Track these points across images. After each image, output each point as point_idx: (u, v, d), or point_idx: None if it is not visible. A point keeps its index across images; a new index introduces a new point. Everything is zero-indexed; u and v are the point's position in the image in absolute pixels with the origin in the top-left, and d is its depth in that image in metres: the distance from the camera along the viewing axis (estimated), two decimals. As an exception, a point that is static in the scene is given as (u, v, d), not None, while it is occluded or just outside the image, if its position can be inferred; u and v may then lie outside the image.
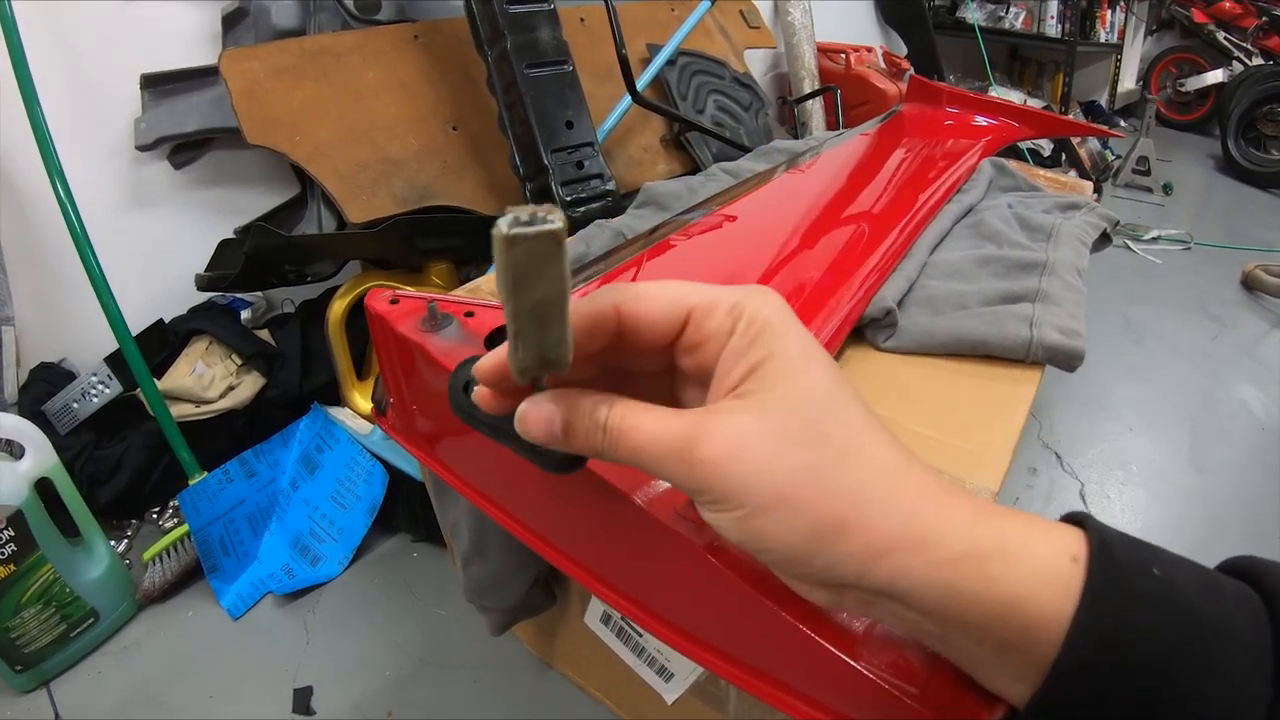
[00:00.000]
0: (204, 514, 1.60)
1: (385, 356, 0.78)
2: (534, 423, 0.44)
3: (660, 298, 0.44)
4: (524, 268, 0.37)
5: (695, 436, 0.40)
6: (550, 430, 0.44)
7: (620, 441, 0.43)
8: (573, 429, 0.44)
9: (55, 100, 1.61)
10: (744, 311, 0.42)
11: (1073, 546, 0.39)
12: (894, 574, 0.39)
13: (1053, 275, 1.28)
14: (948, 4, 4.94)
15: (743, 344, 0.42)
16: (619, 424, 0.43)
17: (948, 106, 2.21)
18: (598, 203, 1.80)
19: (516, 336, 0.39)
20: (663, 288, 0.45)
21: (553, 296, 0.37)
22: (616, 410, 0.43)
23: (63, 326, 1.82)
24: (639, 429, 0.42)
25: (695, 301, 0.44)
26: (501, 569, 1.06)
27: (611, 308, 0.44)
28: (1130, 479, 2.03)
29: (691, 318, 0.44)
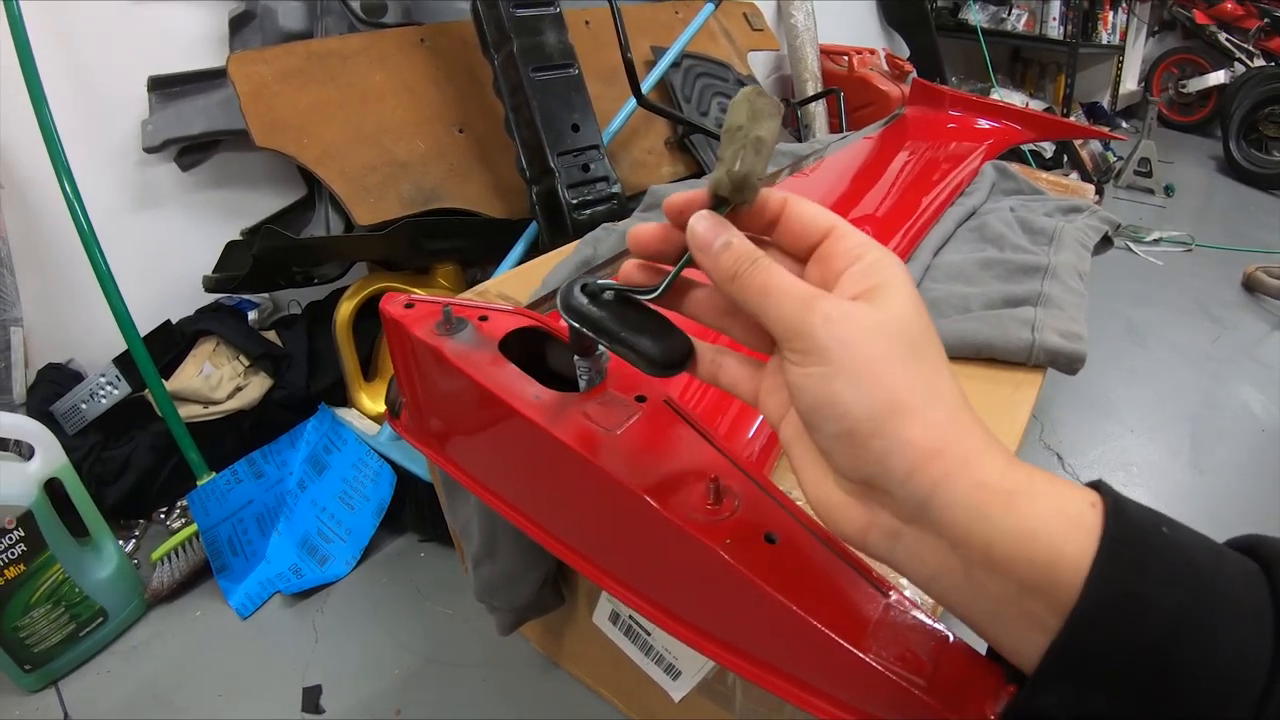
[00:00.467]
0: (212, 514, 1.61)
1: (400, 359, 0.79)
2: (705, 229, 0.49)
3: (815, 207, 0.50)
4: (758, 110, 0.47)
5: (821, 295, 0.46)
6: (712, 241, 0.49)
7: (756, 276, 0.48)
8: (730, 250, 0.49)
9: (63, 102, 1.62)
10: (870, 249, 0.48)
11: (1090, 496, 0.41)
12: (939, 481, 0.42)
13: (1054, 279, 1.28)
14: (950, 6, 4.94)
15: (868, 270, 0.47)
16: (766, 264, 0.48)
17: (950, 109, 2.21)
18: (603, 205, 1.81)
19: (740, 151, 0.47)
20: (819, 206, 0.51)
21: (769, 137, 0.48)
22: (765, 259, 0.48)
23: (71, 327, 1.83)
24: (779, 272, 0.48)
25: (839, 225, 0.50)
26: (511, 568, 1.07)
27: (782, 197, 0.51)
28: (1131, 480, 2.04)
29: (832, 234, 0.49)
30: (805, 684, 0.55)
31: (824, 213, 0.50)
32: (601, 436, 0.62)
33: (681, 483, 0.59)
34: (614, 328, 0.53)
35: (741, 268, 0.48)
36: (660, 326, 0.54)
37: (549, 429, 0.63)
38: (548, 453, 0.65)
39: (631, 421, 0.64)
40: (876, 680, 0.49)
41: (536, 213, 1.84)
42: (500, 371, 0.69)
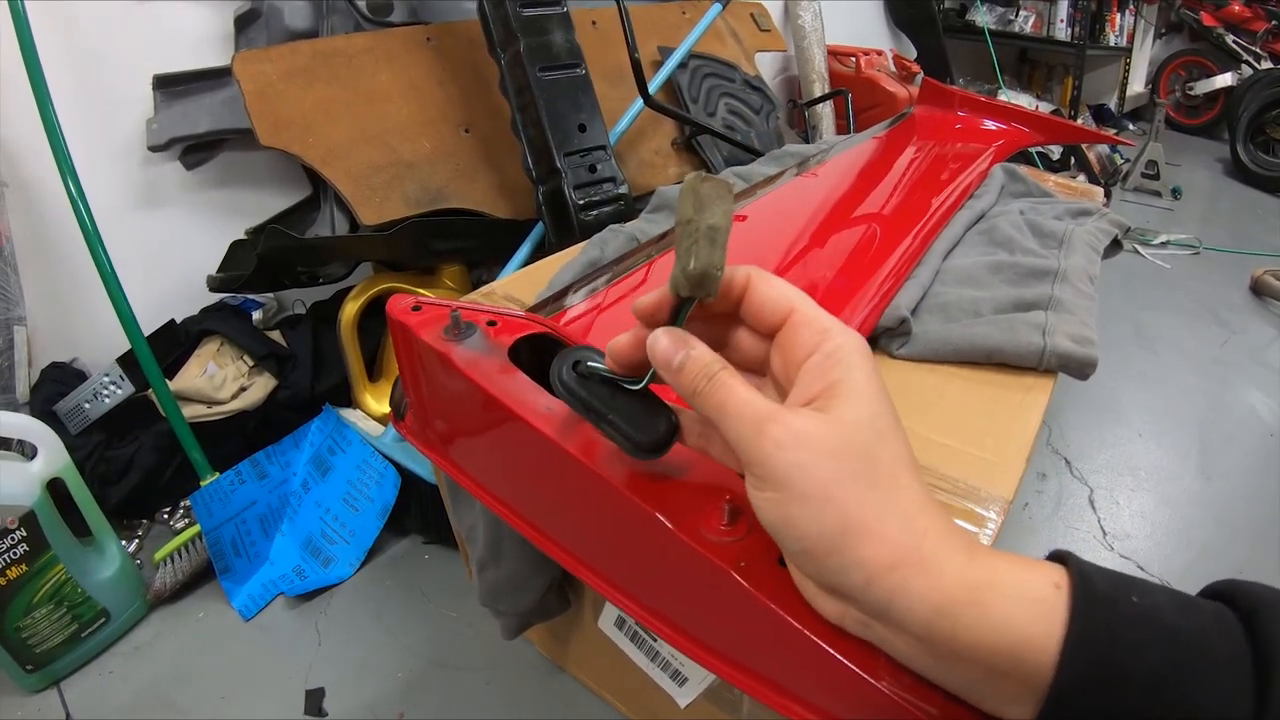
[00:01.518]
0: (216, 515, 1.60)
1: (406, 363, 0.78)
2: (663, 346, 0.52)
3: (780, 289, 0.52)
4: (707, 197, 0.49)
5: (772, 417, 0.47)
6: (670, 358, 0.51)
7: (714, 393, 0.49)
8: (687, 367, 0.51)
9: (68, 101, 1.62)
10: (831, 337, 0.49)
11: (1055, 576, 0.43)
12: (895, 590, 0.43)
13: (1065, 282, 1.28)
14: (957, 7, 4.94)
15: (825, 364, 0.48)
16: (722, 380, 0.49)
17: (959, 110, 2.21)
18: (610, 206, 1.80)
19: (692, 248, 0.49)
20: (781, 284, 0.53)
21: (722, 225, 0.49)
22: (726, 370, 0.50)
23: (74, 326, 1.83)
24: (734, 390, 0.49)
25: (800, 308, 0.51)
26: (517, 573, 1.06)
27: (745, 276, 0.53)
28: (1139, 484, 2.03)
29: (790, 320, 0.51)
30: (814, 706, 0.55)
31: (785, 293, 0.52)
32: (614, 452, 0.61)
33: (695, 502, 0.58)
34: (601, 409, 0.57)
35: (699, 385, 0.50)
36: (647, 408, 0.58)
37: (560, 443, 0.63)
38: (557, 465, 0.65)
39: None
40: (887, 707, 0.48)
41: (543, 213, 1.83)
42: (510, 380, 0.68)
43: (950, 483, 0.88)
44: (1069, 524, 1.87)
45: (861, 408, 0.47)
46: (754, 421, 0.47)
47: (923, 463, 0.93)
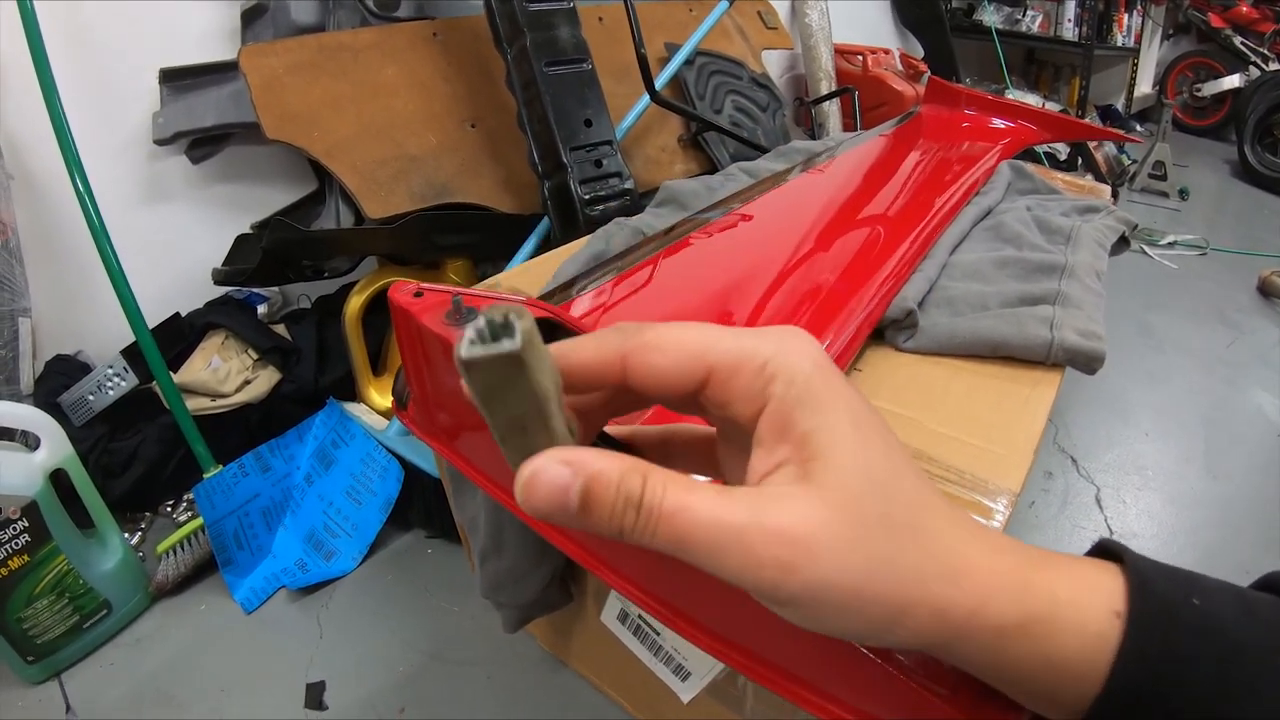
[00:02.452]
0: (218, 507, 1.60)
1: (408, 350, 0.78)
2: (542, 492, 0.35)
3: (675, 350, 0.38)
4: (490, 387, 0.33)
5: (761, 532, 0.34)
6: (564, 501, 0.35)
7: (662, 526, 0.35)
8: (594, 502, 0.35)
9: (74, 93, 1.62)
10: (778, 373, 0.37)
11: (1116, 599, 0.38)
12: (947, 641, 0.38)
13: (1072, 278, 1.27)
14: (964, 6, 4.93)
15: (784, 410, 0.37)
16: (658, 504, 0.35)
17: (966, 108, 2.20)
18: (616, 201, 1.80)
19: (503, 444, 0.35)
20: (681, 338, 0.38)
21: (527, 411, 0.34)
22: (653, 483, 0.35)
23: (79, 319, 1.83)
24: (687, 511, 0.35)
25: (716, 360, 0.38)
26: (518, 564, 1.06)
27: (617, 357, 0.39)
28: (1146, 484, 2.02)
29: (713, 377, 0.38)
30: (822, 690, 0.54)
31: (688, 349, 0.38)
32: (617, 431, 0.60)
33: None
34: None
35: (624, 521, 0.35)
36: None
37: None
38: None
39: (647, 416, 0.62)
40: (897, 687, 0.47)
41: (548, 208, 1.83)
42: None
43: (958, 475, 0.88)
44: (1075, 523, 1.86)
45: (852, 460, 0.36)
46: (738, 550, 0.34)
47: (930, 455, 0.93)
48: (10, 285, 1.59)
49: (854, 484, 0.36)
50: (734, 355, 0.37)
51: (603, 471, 0.34)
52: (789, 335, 0.38)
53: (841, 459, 0.36)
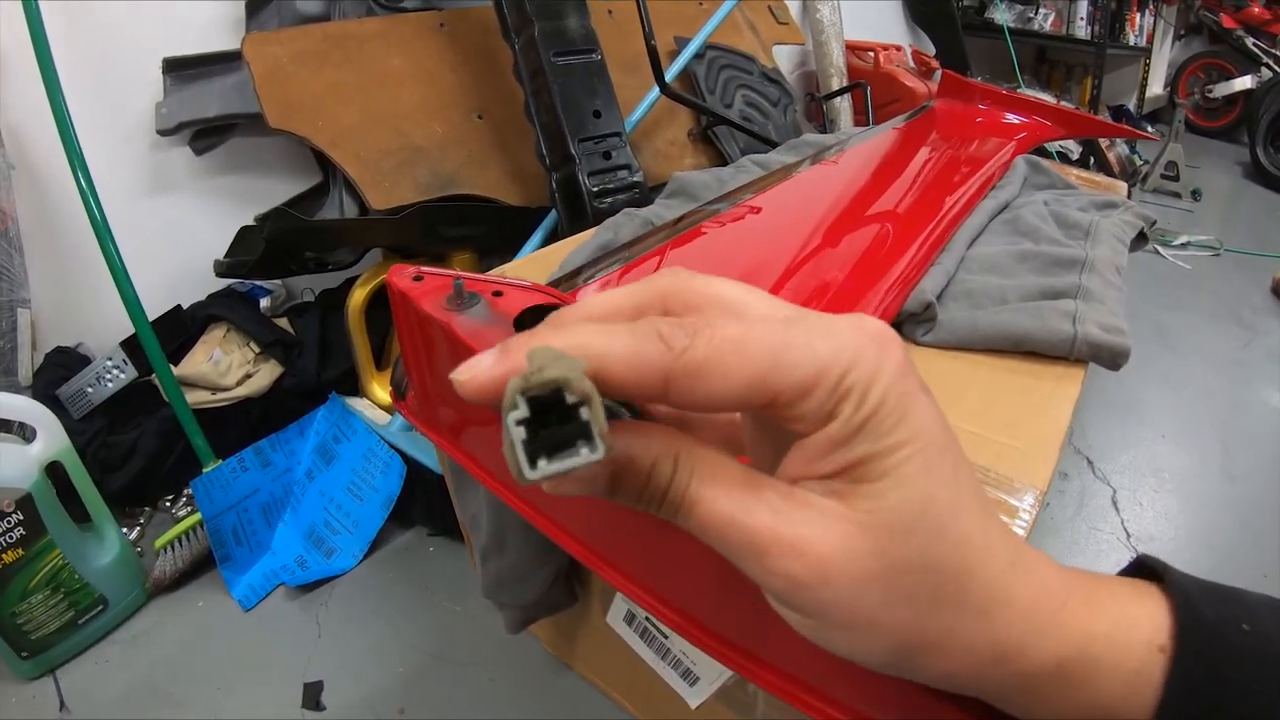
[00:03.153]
0: (217, 502, 1.58)
1: (407, 336, 0.75)
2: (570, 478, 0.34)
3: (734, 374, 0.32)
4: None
5: (777, 541, 0.33)
6: (595, 487, 0.35)
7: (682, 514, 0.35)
8: (622, 489, 0.35)
9: (76, 82, 1.60)
10: (853, 390, 0.32)
11: (1157, 632, 0.36)
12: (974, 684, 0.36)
13: (1093, 272, 1.25)
14: (976, 4, 4.91)
15: (845, 432, 0.33)
16: (682, 496, 0.34)
17: (980, 103, 2.17)
18: (625, 194, 1.78)
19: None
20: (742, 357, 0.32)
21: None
22: (682, 473, 0.34)
23: (79, 310, 1.81)
24: (708, 509, 0.34)
25: (784, 385, 0.32)
26: (520, 563, 1.03)
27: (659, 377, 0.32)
28: (1162, 486, 1.99)
29: (776, 401, 0.33)
30: (836, 701, 0.51)
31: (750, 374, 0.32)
32: None
33: None
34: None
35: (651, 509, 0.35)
36: None
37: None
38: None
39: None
40: (915, 698, 0.44)
41: (556, 200, 1.80)
42: (515, 352, 0.64)
43: (982, 472, 0.85)
44: (1092, 525, 1.83)
45: (913, 496, 0.33)
46: (753, 553, 0.34)
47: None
48: (9, 275, 1.57)
49: (899, 521, 0.33)
50: (806, 375, 0.32)
51: (634, 457, 0.34)
52: (870, 340, 0.33)
53: (893, 494, 0.33)
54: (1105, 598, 0.37)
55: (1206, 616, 0.35)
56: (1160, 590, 0.38)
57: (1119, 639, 0.35)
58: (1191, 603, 0.36)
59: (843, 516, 0.33)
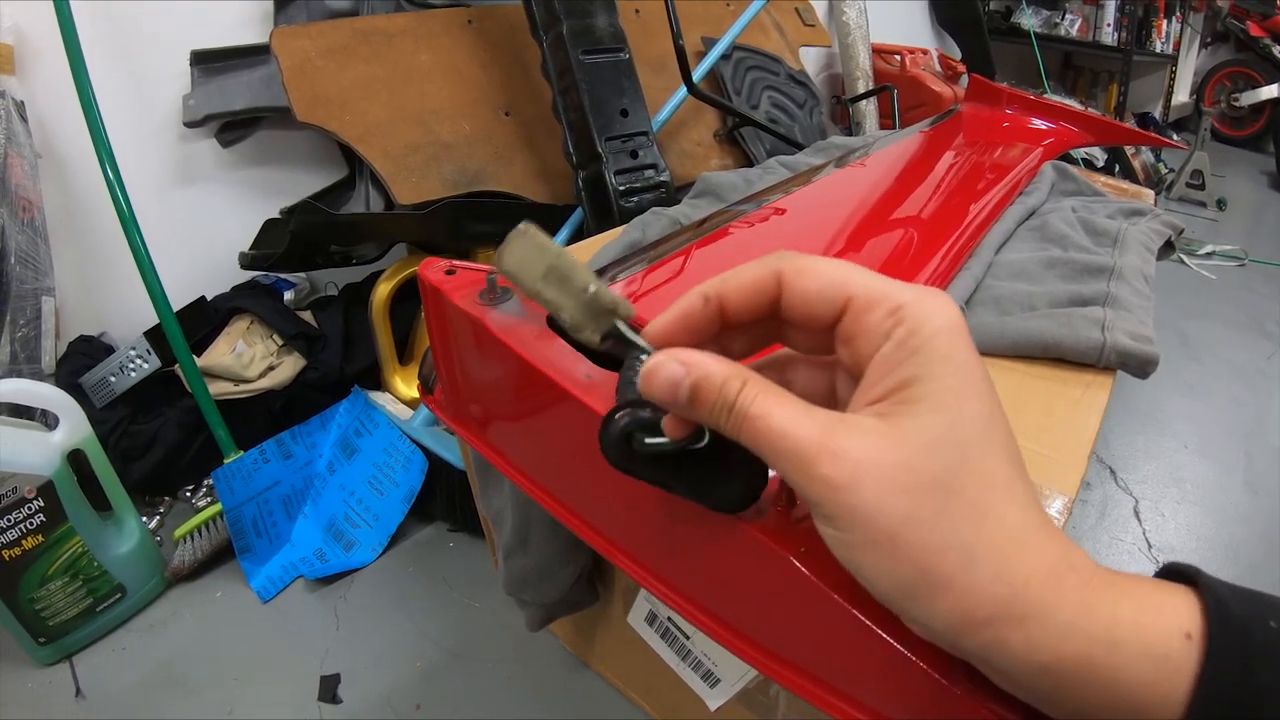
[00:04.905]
0: (238, 493, 1.58)
1: (437, 331, 0.75)
2: (659, 381, 0.42)
3: (822, 276, 0.42)
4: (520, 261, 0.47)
5: (820, 448, 0.38)
6: (675, 393, 0.42)
7: (743, 426, 0.40)
8: (699, 398, 0.42)
9: (104, 74, 1.61)
10: (906, 317, 0.39)
11: (1186, 621, 0.36)
12: (989, 645, 0.37)
13: (1121, 280, 1.24)
14: (1002, 9, 4.89)
15: (898, 355, 0.39)
16: (746, 408, 0.40)
17: (1007, 108, 2.16)
18: (651, 193, 1.78)
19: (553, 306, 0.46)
20: (828, 267, 0.42)
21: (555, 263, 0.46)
22: (748, 391, 0.41)
23: (103, 300, 1.82)
24: (766, 419, 0.40)
25: (856, 291, 0.41)
26: (544, 561, 1.03)
27: (773, 275, 0.43)
28: (1185, 497, 1.98)
29: (850, 307, 0.41)
30: (870, 709, 0.51)
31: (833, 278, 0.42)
32: None
33: None
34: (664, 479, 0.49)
35: (719, 418, 0.42)
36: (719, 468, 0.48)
37: (602, 413, 0.59)
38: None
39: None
40: (953, 705, 0.44)
41: (582, 198, 1.81)
42: (548, 347, 0.64)
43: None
44: (1114, 535, 1.82)
45: (939, 415, 0.37)
46: (798, 459, 0.38)
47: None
48: (35, 264, 1.58)
49: (928, 437, 0.37)
50: (873, 292, 0.40)
51: (710, 374, 0.41)
52: (931, 293, 0.41)
53: (928, 411, 0.38)
54: (1134, 588, 0.38)
55: (1235, 612, 0.36)
56: (1189, 589, 0.39)
57: (1146, 624, 0.36)
58: (1221, 599, 0.37)
59: (881, 432, 0.38)
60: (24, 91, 1.63)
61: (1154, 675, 0.35)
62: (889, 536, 0.37)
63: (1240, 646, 0.35)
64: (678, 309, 0.45)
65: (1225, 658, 0.35)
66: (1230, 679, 0.34)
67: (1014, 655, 0.37)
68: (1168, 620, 0.36)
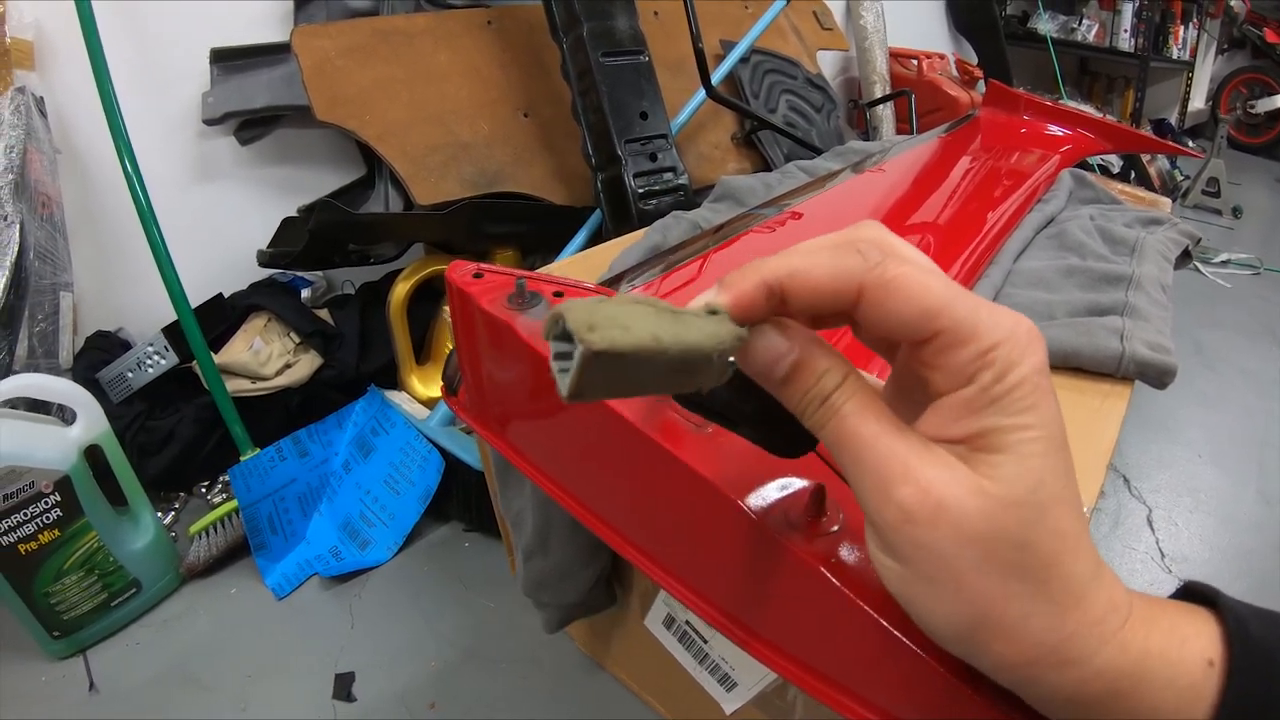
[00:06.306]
0: (254, 491, 1.59)
1: (464, 334, 0.75)
2: (760, 358, 0.40)
3: (913, 300, 0.36)
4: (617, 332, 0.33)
5: (906, 473, 0.36)
6: (773, 373, 0.40)
7: (829, 424, 0.39)
8: (793, 382, 0.40)
9: (124, 70, 1.62)
10: (997, 361, 0.36)
11: (1209, 648, 0.37)
12: (1025, 681, 0.38)
13: (1139, 289, 1.24)
14: (1019, 14, 4.88)
15: (980, 400, 0.36)
16: (839, 407, 0.38)
17: (1024, 114, 2.16)
18: (669, 196, 1.78)
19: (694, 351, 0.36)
20: (919, 288, 0.36)
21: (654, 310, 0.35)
22: (845, 390, 0.39)
23: (121, 295, 1.82)
24: (856, 424, 0.38)
25: (947, 325, 0.36)
26: (564, 563, 1.03)
27: (854, 286, 0.38)
28: (1198, 506, 1.97)
29: (936, 341, 0.37)
30: (888, 713, 0.51)
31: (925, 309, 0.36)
32: (690, 433, 0.57)
33: (778, 490, 0.54)
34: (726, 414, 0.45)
35: (809, 409, 0.40)
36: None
37: (633, 420, 0.59)
38: (626, 445, 0.61)
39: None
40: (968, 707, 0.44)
41: (601, 200, 1.81)
42: (579, 353, 0.64)
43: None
44: (1127, 543, 1.82)
45: (1023, 472, 0.36)
46: (879, 475, 0.37)
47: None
48: (54, 259, 1.58)
49: (1012, 494, 0.36)
50: (965, 327, 0.36)
51: (814, 359, 0.39)
52: (1023, 329, 0.37)
53: (1011, 468, 0.36)
54: (1161, 617, 0.39)
55: (1258, 637, 0.37)
56: (1210, 612, 0.39)
57: (1172, 655, 0.37)
58: (1242, 622, 0.38)
59: (963, 479, 0.36)
60: (43, 87, 1.64)
61: (1177, 703, 0.36)
62: (954, 579, 0.36)
63: (1261, 669, 0.36)
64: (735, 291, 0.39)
65: (1245, 681, 0.36)
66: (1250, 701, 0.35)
67: (1047, 689, 0.37)
68: (1192, 650, 0.37)
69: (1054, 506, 0.36)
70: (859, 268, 0.37)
